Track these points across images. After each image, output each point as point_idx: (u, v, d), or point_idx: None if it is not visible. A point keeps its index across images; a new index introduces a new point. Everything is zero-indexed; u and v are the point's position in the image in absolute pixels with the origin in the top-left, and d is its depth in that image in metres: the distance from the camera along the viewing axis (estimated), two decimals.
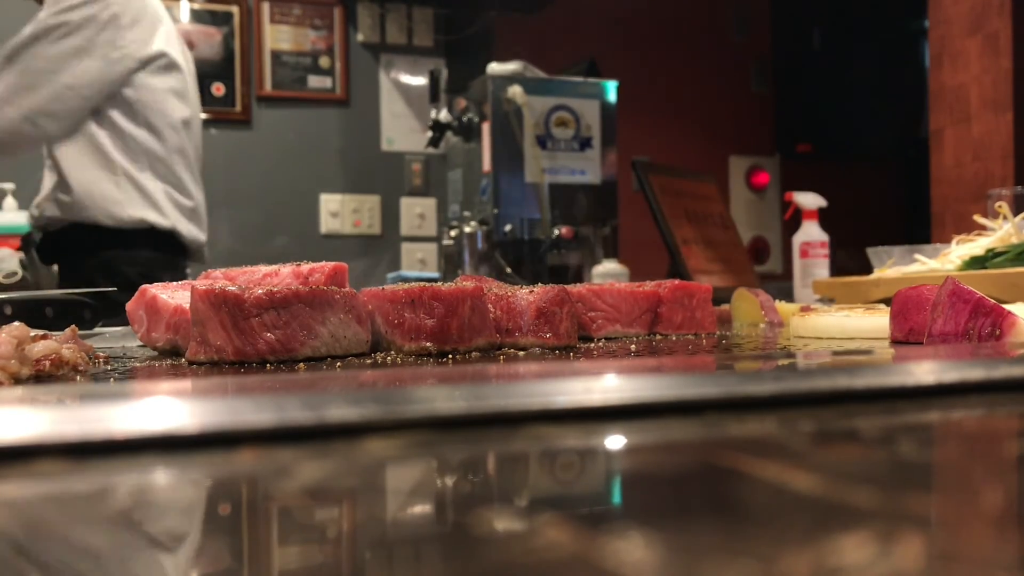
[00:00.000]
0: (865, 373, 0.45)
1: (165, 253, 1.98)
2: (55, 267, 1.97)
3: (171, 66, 1.97)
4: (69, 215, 1.90)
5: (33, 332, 0.58)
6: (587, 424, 0.38)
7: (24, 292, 1.41)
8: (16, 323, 0.56)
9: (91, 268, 1.87)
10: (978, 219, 1.45)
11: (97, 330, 1.07)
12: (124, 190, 1.90)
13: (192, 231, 2.02)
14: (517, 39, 3.58)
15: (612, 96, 2.64)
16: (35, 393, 0.43)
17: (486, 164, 2.54)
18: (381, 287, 0.74)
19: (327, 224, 3.39)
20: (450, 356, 0.69)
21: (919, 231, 3.08)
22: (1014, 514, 0.26)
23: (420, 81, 3.47)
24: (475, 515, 0.25)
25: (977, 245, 1.37)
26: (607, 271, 2.24)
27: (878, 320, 0.81)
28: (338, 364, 0.64)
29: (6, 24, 2.18)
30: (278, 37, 3.36)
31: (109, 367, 0.64)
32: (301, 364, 0.64)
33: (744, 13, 4.13)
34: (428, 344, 0.69)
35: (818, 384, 0.43)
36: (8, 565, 0.22)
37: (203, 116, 3.23)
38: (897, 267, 1.50)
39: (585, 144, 2.59)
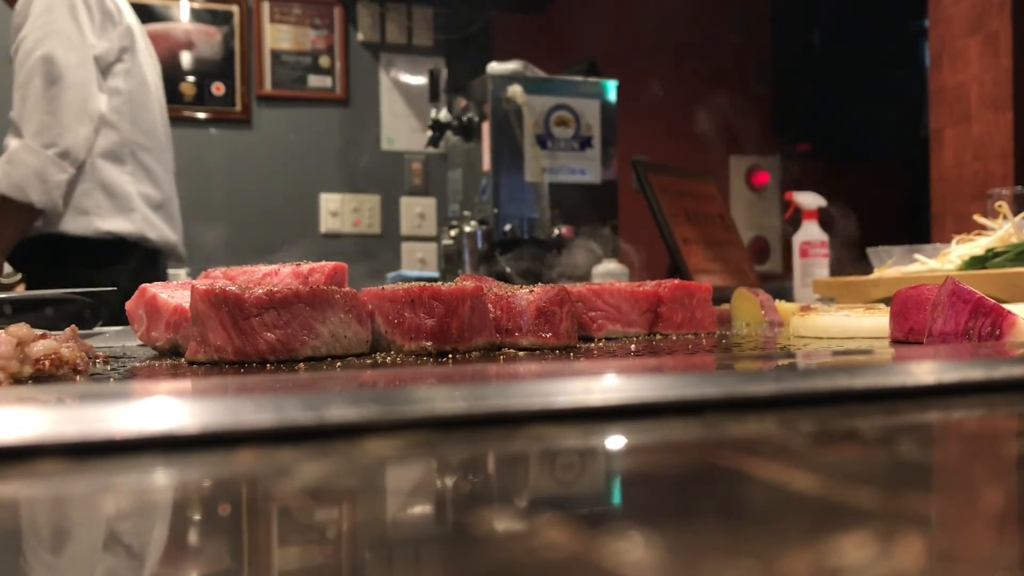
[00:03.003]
0: (865, 373, 0.45)
1: (135, 263, 1.90)
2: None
3: (133, 59, 1.92)
4: (37, 225, 1.83)
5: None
6: (587, 424, 0.38)
7: (24, 292, 1.40)
8: (20, 324, 0.56)
9: (58, 281, 1.81)
10: (978, 219, 1.44)
11: (97, 330, 1.07)
12: (93, 197, 1.84)
13: (162, 230, 1.95)
14: (517, 39, 3.58)
15: (612, 96, 2.64)
16: (35, 393, 0.43)
17: (486, 164, 2.54)
18: (381, 287, 0.74)
19: (327, 224, 3.39)
20: (450, 356, 0.69)
21: (919, 231, 3.08)
22: (1014, 514, 0.26)
23: (420, 80, 3.47)
24: (475, 515, 0.25)
25: (977, 245, 1.37)
26: (607, 271, 2.24)
27: (878, 320, 0.81)
28: (338, 364, 0.64)
29: None
30: (278, 37, 3.36)
31: (109, 367, 0.64)
32: (301, 364, 0.64)
33: (744, 13, 4.13)
34: (428, 344, 0.69)
35: (818, 384, 0.43)
36: (9, 565, 0.22)
37: (198, 115, 3.23)
38: (897, 267, 1.50)
39: (585, 144, 2.59)
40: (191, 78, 3.25)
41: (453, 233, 2.61)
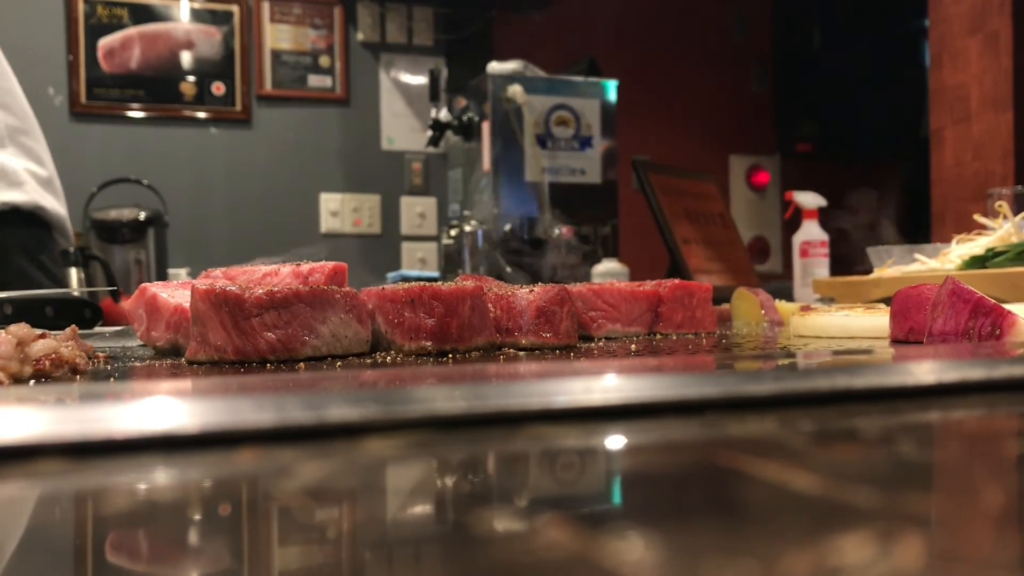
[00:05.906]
0: (865, 373, 0.45)
1: (28, 230, 1.88)
2: None
3: None
4: None
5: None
6: (587, 424, 0.38)
7: (24, 292, 1.40)
8: (20, 324, 0.56)
9: None
10: (978, 218, 1.44)
11: (97, 330, 1.07)
12: None
13: (53, 204, 1.92)
14: (517, 39, 3.59)
15: (612, 95, 2.64)
16: (35, 393, 0.43)
17: (486, 163, 2.55)
18: (381, 286, 0.74)
19: (327, 223, 3.39)
20: (450, 356, 0.69)
21: (919, 231, 3.08)
22: (1014, 514, 0.26)
23: (420, 80, 3.47)
24: (475, 515, 0.25)
25: (977, 244, 1.37)
26: (607, 271, 2.24)
27: (878, 319, 0.81)
28: (338, 364, 0.64)
29: None
30: (278, 36, 3.36)
31: (109, 367, 0.64)
32: (301, 364, 0.64)
33: (744, 13, 4.13)
34: (428, 343, 0.69)
35: (818, 384, 0.43)
36: (8, 565, 0.22)
37: (198, 115, 3.23)
38: (897, 267, 1.50)
39: (585, 143, 2.59)
40: (191, 78, 3.25)
41: (453, 233, 2.61)
